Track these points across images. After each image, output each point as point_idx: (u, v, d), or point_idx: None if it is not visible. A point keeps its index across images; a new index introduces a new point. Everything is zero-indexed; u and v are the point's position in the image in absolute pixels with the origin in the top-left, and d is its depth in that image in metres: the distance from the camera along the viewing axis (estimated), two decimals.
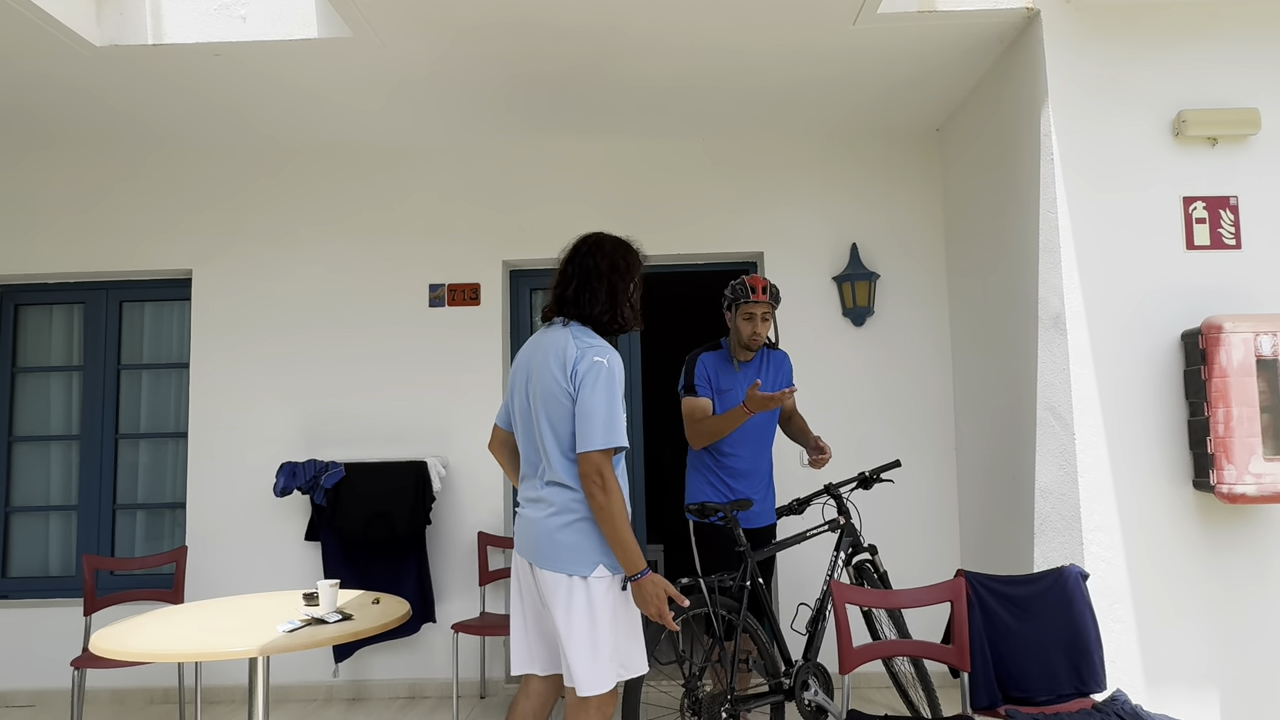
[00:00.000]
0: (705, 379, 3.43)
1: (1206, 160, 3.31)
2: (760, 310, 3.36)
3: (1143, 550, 3.17)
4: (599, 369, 2.31)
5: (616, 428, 2.29)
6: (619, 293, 2.45)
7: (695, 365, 3.45)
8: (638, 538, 4.50)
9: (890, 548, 4.40)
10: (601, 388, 2.29)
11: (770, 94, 4.10)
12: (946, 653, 2.64)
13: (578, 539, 2.33)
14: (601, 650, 2.30)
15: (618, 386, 2.33)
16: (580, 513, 2.34)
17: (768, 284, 3.38)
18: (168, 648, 2.46)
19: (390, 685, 4.39)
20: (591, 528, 2.33)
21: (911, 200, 4.60)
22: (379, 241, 4.65)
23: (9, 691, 4.40)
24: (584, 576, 2.30)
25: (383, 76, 3.82)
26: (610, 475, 2.26)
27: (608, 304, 2.44)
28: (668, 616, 2.24)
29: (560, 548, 2.32)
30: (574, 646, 2.29)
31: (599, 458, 2.26)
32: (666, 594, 2.25)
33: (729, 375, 3.43)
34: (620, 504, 2.26)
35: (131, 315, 4.83)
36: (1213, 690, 3.13)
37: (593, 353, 2.34)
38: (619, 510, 2.25)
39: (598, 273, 2.45)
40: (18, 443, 4.75)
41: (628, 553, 2.25)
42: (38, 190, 4.70)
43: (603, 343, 2.40)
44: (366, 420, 4.53)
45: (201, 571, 4.43)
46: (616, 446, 2.28)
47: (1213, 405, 3.03)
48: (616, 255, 2.48)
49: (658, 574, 2.27)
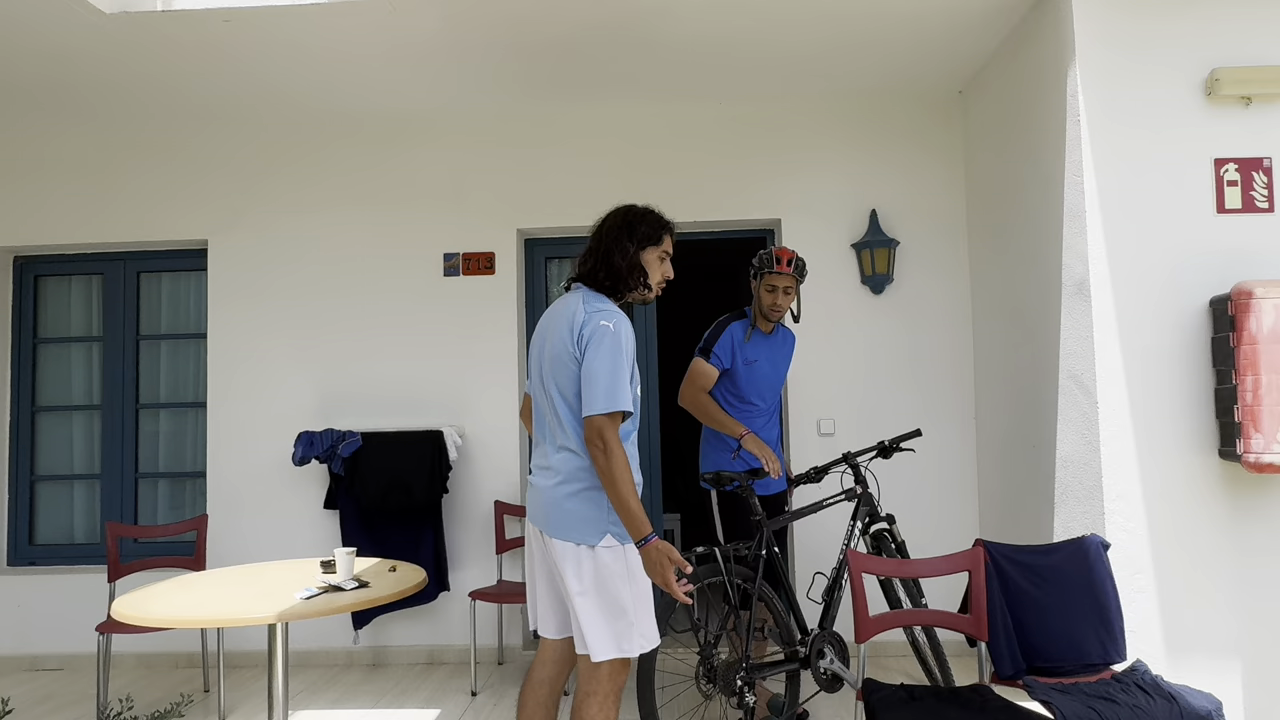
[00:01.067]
0: (728, 350, 3.40)
1: (1240, 120, 3.21)
2: (783, 283, 3.34)
3: (1165, 520, 3.13)
4: (604, 333, 2.29)
5: (619, 392, 2.26)
6: (614, 253, 2.43)
7: (721, 333, 3.42)
8: (655, 508, 4.52)
9: (908, 517, 4.37)
10: (606, 351, 2.27)
11: (789, 56, 4.01)
12: (964, 622, 2.62)
13: (585, 508, 2.32)
14: (613, 618, 2.30)
15: (624, 351, 2.30)
16: (587, 481, 2.33)
17: (794, 256, 3.35)
18: (188, 614, 2.49)
19: (409, 652, 4.44)
20: (600, 496, 2.32)
21: (932, 165, 4.51)
22: (393, 210, 4.63)
23: (39, 655, 4.49)
24: (592, 545, 2.30)
25: (394, 40, 3.77)
26: (613, 439, 2.24)
27: (604, 263, 2.43)
28: (673, 584, 2.21)
29: (569, 516, 2.32)
30: (585, 614, 2.29)
31: (601, 421, 2.24)
32: (672, 562, 2.22)
33: (750, 348, 3.42)
34: (623, 468, 2.23)
35: (149, 286, 4.85)
36: (1235, 661, 3.09)
37: (600, 316, 2.32)
38: (621, 474, 2.23)
39: (599, 234, 2.47)
40: (40, 413, 4.81)
41: (631, 518, 2.22)
42: (54, 161, 4.71)
43: (613, 307, 2.37)
44: (383, 389, 4.54)
45: (222, 539, 4.48)
46: (619, 410, 2.26)
47: (1241, 373, 2.96)
48: (621, 217, 2.47)
49: (664, 541, 2.25)
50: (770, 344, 3.48)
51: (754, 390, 3.42)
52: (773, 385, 3.47)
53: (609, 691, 2.33)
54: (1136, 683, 2.48)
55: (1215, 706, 2.34)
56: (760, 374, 3.42)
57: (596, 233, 2.50)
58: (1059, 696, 2.39)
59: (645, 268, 2.47)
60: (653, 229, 2.49)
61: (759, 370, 3.41)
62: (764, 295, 3.37)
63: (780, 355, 3.51)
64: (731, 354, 3.42)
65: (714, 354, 3.40)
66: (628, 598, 2.31)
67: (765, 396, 3.45)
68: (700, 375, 3.39)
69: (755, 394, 3.43)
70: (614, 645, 2.30)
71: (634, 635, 2.31)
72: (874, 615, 2.55)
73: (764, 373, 3.43)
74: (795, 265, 3.34)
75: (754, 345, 3.44)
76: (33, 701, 3.99)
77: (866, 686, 2.49)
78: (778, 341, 3.51)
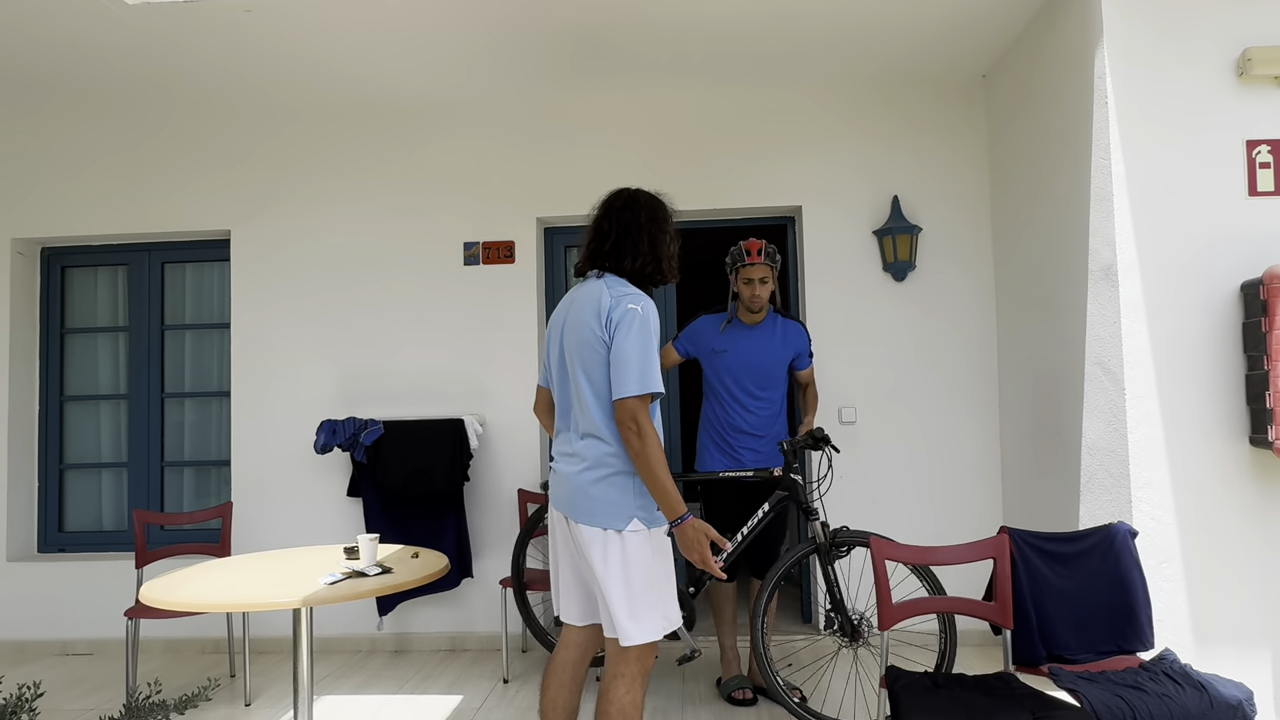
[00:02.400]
0: (691, 337, 3.61)
1: (1272, 101, 3.14)
2: (758, 274, 3.44)
3: (1194, 508, 3.08)
4: (633, 315, 2.29)
5: (651, 374, 2.27)
6: (660, 244, 2.45)
7: (690, 324, 3.64)
8: None
9: (932, 504, 4.34)
10: (636, 334, 2.28)
11: (811, 40, 3.97)
12: (989, 610, 2.60)
13: (612, 493, 2.32)
14: (639, 602, 2.31)
15: (653, 334, 2.31)
16: (614, 466, 2.33)
17: (763, 245, 3.44)
18: (214, 598, 2.52)
19: (432, 638, 4.47)
20: (626, 481, 2.32)
21: (955, 151, 4.45)
22: (413, 199, 4.64)
23: (69, 640, 4.56)
24: (619, 530, 2.30)
25: (415, 27, 3.77)
26: (646, 421, 2.25)
27: (650, 256, 2.44)
28: (710, 561, 2.26)
29: (594, 502, 2.32)
30: (614, 599, 2.30)
31: (634, 404, 2.24)
32: (709, 538, 2.26)
33: (721, 338, 3.55)
34: (657, 450, 2.25)
35: (173, 276, 4.90)
36: (1264, 650, 3.05)
37: (627, 300, 2.32)
38: (656, 456, 2.24)
39: (638, 225, 2.44)
40: (69, 402, 4.87)
41: (667, 498, 2.24)
42: (79, 154, 4.76)
43: (637, 291, 2.38)
44: (404, 378, 4.56)
45: (247, 526, 4.53)
46: (652, 393, 2.27)
47: (1273, 358, 2.91)
48: (654, 208, 2.48)
49: (700, 520, 2.27)
50: (754, 335, 3.55)
51: (727, 378, 3.54)
52: (753, 375, 3.53)
53: (636, 674, 2.34)
54: (1165, 671, 2.45)
55: (1246, 695, 2.31)
56: (728, 364, 3.53)
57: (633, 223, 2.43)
58: (1086, 685, 2.36)
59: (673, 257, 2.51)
60: (669, 212, 2.52)
61: (727, 361, 3.53)
62: (742, 288, 3.48)
63: (767, 345, 3.55)
64: (695, 343, 3.61)
65: (678, 339, 3.65)
66: (654, 580, 2.32)
67: (744, 386, 3.53)
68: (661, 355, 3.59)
69: (731, 382, 3.54)
70: (642, 629, 2.31)
71: (657, 618, 2.32)
72: (897, 603, 2.54)
73: (735, 363, 3.52)
74: (766, 254, 3.43)
75: (728, 337, 3.55)
76: (64, 685, 4.06)
77: (890, 674, 2.47)
78: (764, 332, 3.56)
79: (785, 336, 3.59)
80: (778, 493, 3.33)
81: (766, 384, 3.56)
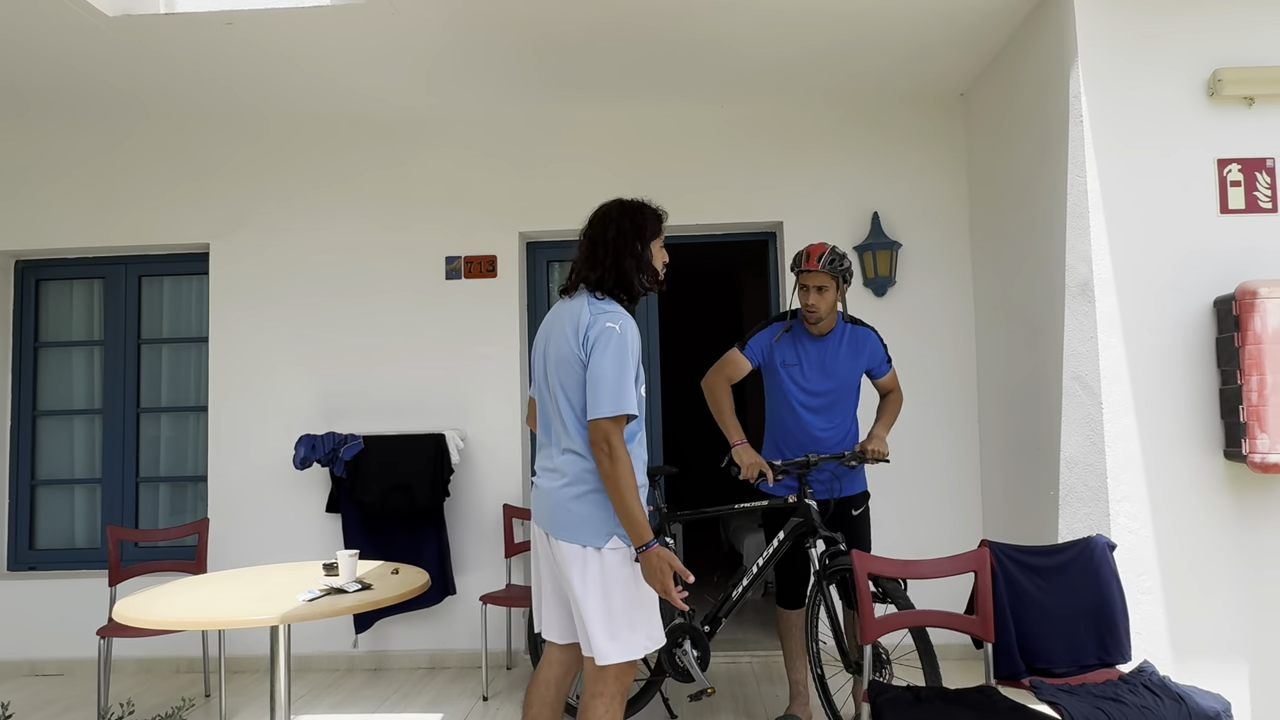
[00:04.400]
0: (764, 346, 3.32)
1: (1242, 121, 3.21)
2: (815, 281, 3.16)
3: (1171, 521, 3.12)
4: (610, 334, 2.27)
5: (625, 395, 2.24)
6: (625, 257, 2.40)
7: (761, 331, 3.34)
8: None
9: (912, 519, 4.36)
10: (612, 353, 2.25)
11: (792, 58, 4.02)
12: (971, 624, 2.61)
13: (591, 510, 2.30)
14: (618, 621, 2.28)
15: (630, 353, 2.28)
16: (593, 484, 2.31)
17: (827, 252, 3.16)
18: (189, 616, 2.48)
19: (411, 656, 4.42)
20: (605, 499, 2.30)
21: (934, 168, 4.51)
22: (395, 214, 4.62)
23: (39, 660, 4.47)
24: (598, 548, 2.28)
25: (396, 43, 3.77)
26: (618, 443, 2.22)
27: (613, 270, 2.40)
28: (672, 592, 2.20)
29: (574, 519, 2.30)
30: (591, 617, 2.27)
31: (607, 425, 2.22)
32: (673, 569, 2.21)
33: (792, 349, 3.29)
34: (627, 473, 2.21)
35: (150, 290, 4.84)
36: (1241, 662, 3.08)
37: (605, 318, 2.30)
38: (626, 479, 2.21)
39: (604, 241, 2.42)
40: (41, 417, 4.80)
41: (634, 524, 2.21)
42: (55, 164, 4.71)
43: (618, 309, 2.36)
44: (384, 393, 4.53)
45: (223, 543, 4.47)
46: (625, 414, 2.24)
47: (1246, 373, 2.96)
48: (624, 219, 2.44)
49: (665, 549, 2.23)
50: (821, 347, 3.29)
51: (798, 392, 3.30)
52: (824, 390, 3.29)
53: (615, 693, 2.32)
54: (1144, 683, 2.46)
55: (1224, 707, 2.33)
56: (798, 377, 3.28)
57: (599, 239, 2.43)
58: (1066, 697, 2.37)
59: (654, 265, 2.47)
60: (653, 221, 2.49)
61: (797, 374, 3.28)
62: (800, 295, 3.22)
63: (833, 357, 3.29)
64: (764, 352, 3.34)
65: (749, 345, 3.33)
66: (634, 599, 2.29)
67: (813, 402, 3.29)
68: (728, 363, 3.32)
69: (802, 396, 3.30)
70: (619, 648, 2.27)
71: (639, 637, 2.30)
72: (879, 617, 2.54)
73: (804, 376, 3.28)
74: (829, 261, 3.14)
75: (791, 347, 3.30)
76: (34, 706, 3.97)
77: (873, 688, 2.47)
78: (832, 343, 3.30)
79: (856, 346, 3.32)
80: (793, 520, 3.16)
81: (835, 399, 3.30)
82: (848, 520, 3.33)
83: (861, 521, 3.35)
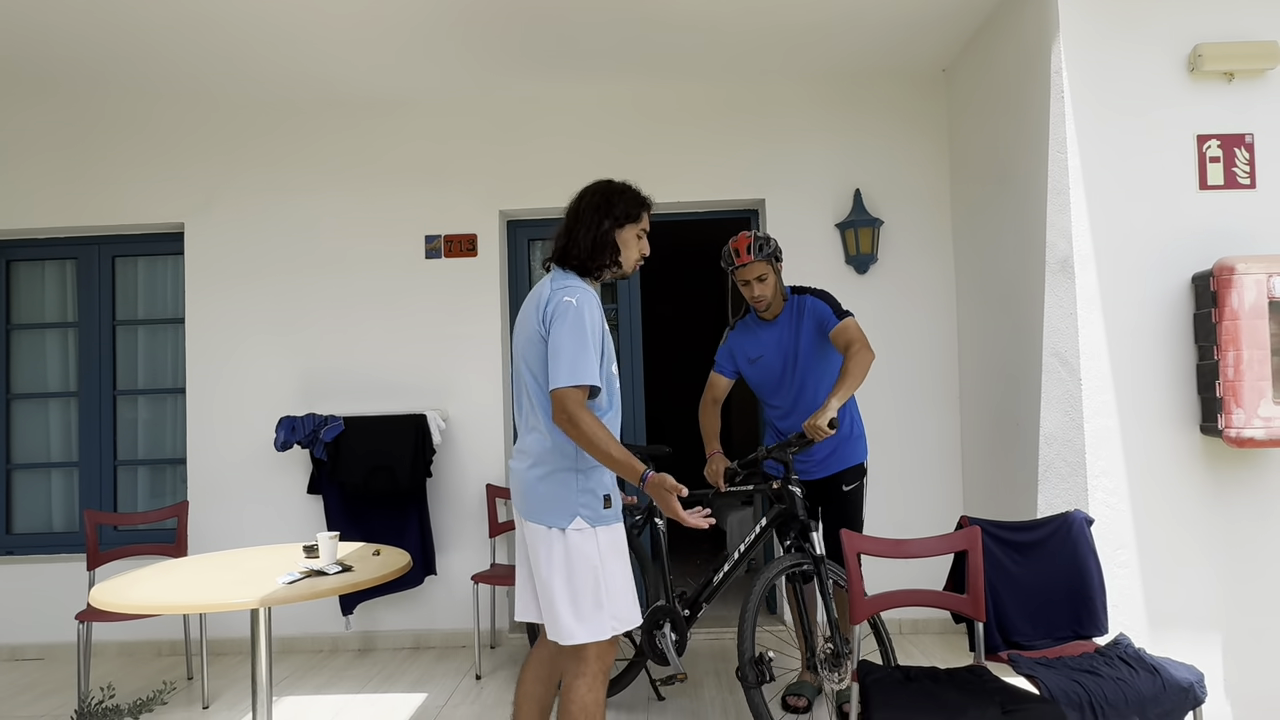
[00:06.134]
0: (728, 355, 3.39)
1: (1222, 96, 3.21)
2: (753, 273, 3.15)
3: (1148, 495, 3.15)
4: (566, 308, 2.28)
5: (582, 366, 2.24)
6: (598, 234, 2.41)
7: (723, 340, 3.42)
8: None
9: (893, 495, 4.39)
10: (569, 326, 2.26)
11: (775, 34, 3.97)
12: (961, 602, 2.61)
13: (555, 490, 2.31)
14: (583, 601, 2.28)
15: (587, 325, 2.28)
16: (555, 464, 2.32)
17: (753, 240, 3.12)
18: (168, 600, 2.46)
19: (395, 636, 4.42)
20: (569, 478, 2.31)
21: (916, 145, 4.49)
22: (373, 192, 4.56)
23: (18, 645, 4.44)
24: (562, 528, 2.29)
25: (373, 15, 3.70)
26: (577, 409, 2.22)
27: (587, 247, 2.40)
28: (681, 513, 2.24)
29: (539, 500, 2.32)
30: (557, 597, 2.29)
31: (565, 394, 2.22)
32: (672, 489, 2.23)
33: (754, 343, 3.31)
34: (593, 427, 2.21)
35: (125, 270, 4.77)
36: (1215, 633, 3.13)
37: (564, 293, 2.31)
38: (597, 433, 2.21)
39: (575, 213, 2.44)
40: (16, 400, 4.73)
41: (620, 466, 2.23)
42: (24, 143, 4.61)
43: (579, 283, 2.36)
44: (364, 373, 4.50)
45: (203, 526, 4.44)
46: (584, 385, 2.24)
47: (1223, 349, 2.98)
48: (597, 196, 2.44)
49: (661, 473, 2.26)
50: (776, 329, 3.28)
51: (771, 382, 3.29)
52: (793, 371, 3.25)
53: (597, 672, 2.33)
54: (1120, 656, 2.50)
55: (1197, 678, 2.36)
56: (768, 367, 3.26)
57: (573, 210, 2.46)
58: (1043, 671, 2.40)
59: (619, 245, 2.45)
60: (631, 206, 2.47)
61: (766, 365, 3.27)
62: (742, 291, 3.22)
63: (791, 335, 3.25)
64: (731, 358, 3.38)
65: (716, 361, 3.41)
66: (600, 580, 2.30)
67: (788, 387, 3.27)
68: (709, 386, 3.43)
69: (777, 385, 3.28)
70: (585, 629, 2.28)
71: (605, 618, 2.30)
72: (870, 596, 2.54)
73: (772, 364, 3.26)
74: (757, 249, 3.12)
75: (755, 339, 3.29)
76: (13, 691, 3.94)
77: (862, 668, 2.48)
78: (785, 323, 3.26)
79: (803, 315, 3.24)
80: (776, 507, 3.07)
81: (808, 377, 3.24)
82: (838, 496, 3.28)
83: (852, 499, 3.29)
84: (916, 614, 4.35)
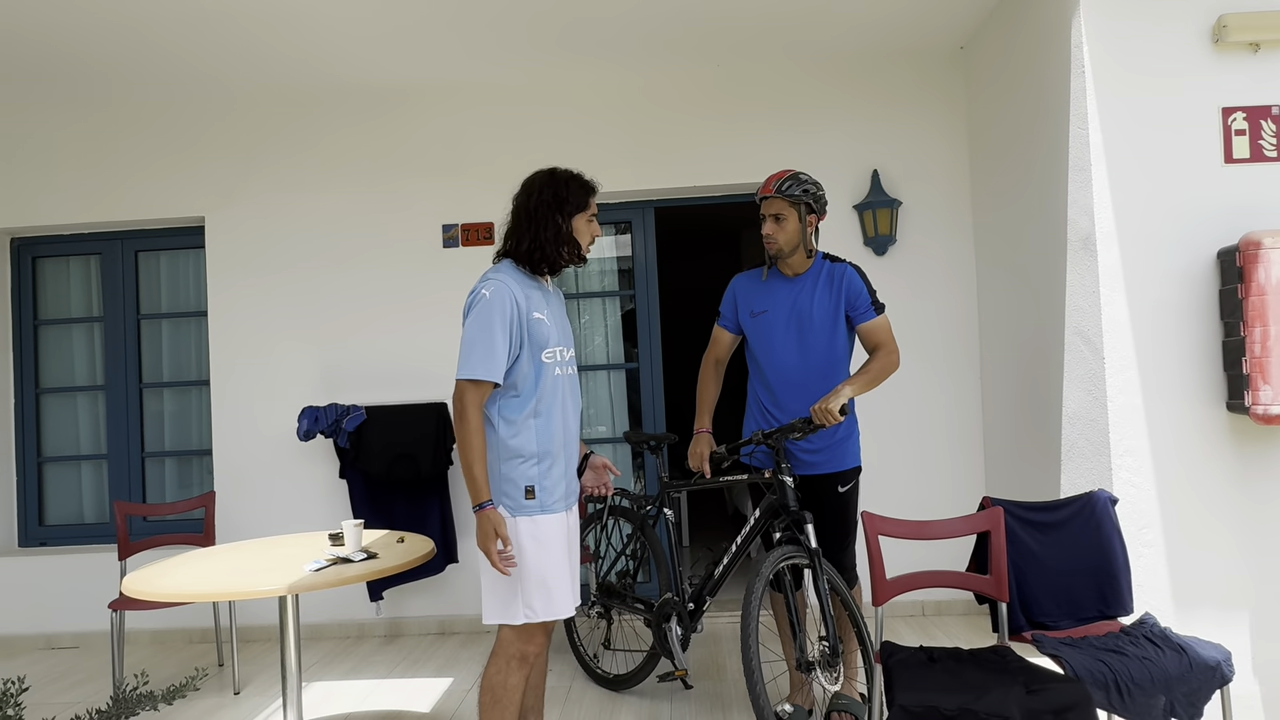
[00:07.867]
0: (731, 305, 3.05)
1: (1248, 68, 3.15)
2: (771, 209, 2.84)
3: (1173, 474, 3.12)
4: (476, 299, 2.33)
5: (476, 359, 2.28)
6: (544, 228, 2.41)
7: (727, 289, 3.09)
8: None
9: (914, 476, 4.37)
10: (474, 317, 2.32)
11: (789, 14, 3.94)
12: (985, 584, 2.61)
13: (491, 474, 2.38)
14: (498, 584, 2.37)
15: (494, 319, 2.29)
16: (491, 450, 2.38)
17: (784, 176, 2.84)
18: (198, 588, 2.50)
19: (421, 622, 4.48)
20: (495, 465, 2.38)
21: (934, 124, 4.44)
22: (390, 182, 4.58)
23: (54, 634, 4.53)
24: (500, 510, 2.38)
25: (389, 7, 3.70)
26: (468, 405, 2.28)
27: (532, 239, 2.42)
28: (494, 555, 2.28)
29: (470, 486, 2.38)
30: (483, 577, 2.39)
31: (461, 385, 2.30)
32: (498, 535, 2.28)
33: (762, 296, 2.95)
34: (472, 435, 2.27)
35: (148, 264, 4.83)
36: (1242, 611, 3.10)
37: (482, 285, 2.35)
38: (469, 441, 2.28)
39: (526, 210, 2.45)
40: (45, 394, 4.81)
41: (471, 482, 2.30)
42: (48, 142, 4.66)
43: (498, 275, 2.38)
44: (385, 363, 4.53)
45: (230, 515, 4.50)
46: (477, 379, 2.27)
47: (1249, 325, 2.94)
48: (546, 190, 2.45)
49: (497, 513, 2.29)
50: (794, 288, 2.90)
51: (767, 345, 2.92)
52: (798, 339, 2.89)
53: (511, 655, 2.41)
54: (1145, 635, 2.48)
55: (1224, 657, 2.34)
56: (767, 325, 2.90)
57: (522, 208, 2.46)
58: (1068, 650, 2.39)
59: (577, 237, 2.46)
60: (580, 195, 2.48)
61: (766, 322, 2.91)
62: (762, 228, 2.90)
63: (807, 299, 2.88)
64: (734, 306, 3.02)
65: (720, 313, 3.09)
66: (523, 568, 2.35)
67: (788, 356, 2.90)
68: (713, 343, 3.10)
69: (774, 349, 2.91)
70: (496, 612, 2.38)
71: (518, 605, 2.36)
72: (892, 578, 2.54)
73: (773, 322, 2.91)
74: (783, 186, 2.82)
75: (766, 291, 2.93)
76: (49, 679, 4.03)
77: (885, 649, 2.48)
78: (806, 284, 2.89)
79: (832, 283, 2.88)
80: (768, 496, 2.87)
81: (812, 349, 2.88)
82: (832, 497, 2.99)
83: (848, 500, 3.02)
84: (940, 595, 4.33)
